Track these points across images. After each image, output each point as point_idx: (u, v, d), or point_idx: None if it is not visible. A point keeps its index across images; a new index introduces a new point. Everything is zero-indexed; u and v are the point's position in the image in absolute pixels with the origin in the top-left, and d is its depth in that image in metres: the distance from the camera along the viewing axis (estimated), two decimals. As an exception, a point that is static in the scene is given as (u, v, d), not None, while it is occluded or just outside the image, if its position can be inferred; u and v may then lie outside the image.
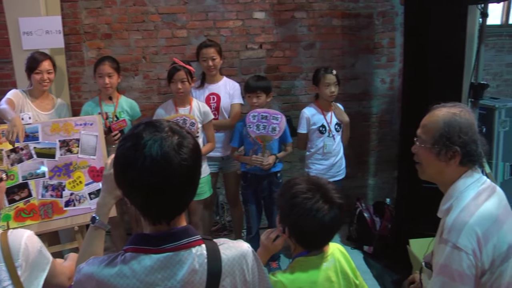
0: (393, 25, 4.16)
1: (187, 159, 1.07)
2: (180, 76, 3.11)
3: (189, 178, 1.10)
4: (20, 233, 1.50)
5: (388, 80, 4.29)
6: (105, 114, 3.21)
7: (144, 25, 3.87)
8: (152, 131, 1.07)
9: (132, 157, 1.05)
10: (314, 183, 1.56)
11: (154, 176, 1.04)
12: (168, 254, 1.10)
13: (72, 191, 2.82)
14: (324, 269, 1.58)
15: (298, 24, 4.05)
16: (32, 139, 2.78)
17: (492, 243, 1.46)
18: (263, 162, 3.19)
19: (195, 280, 1.10)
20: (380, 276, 3.36)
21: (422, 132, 1.65)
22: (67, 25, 3.75)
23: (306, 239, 1.58)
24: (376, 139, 4.40)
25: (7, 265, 1.42)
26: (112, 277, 1.09)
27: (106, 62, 3.17)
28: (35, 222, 2.70)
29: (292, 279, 1.55)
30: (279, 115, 3.21)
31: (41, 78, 3.05)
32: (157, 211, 1.11)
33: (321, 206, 1.50)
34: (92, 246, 1.40)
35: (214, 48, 3.37)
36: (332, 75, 3.31)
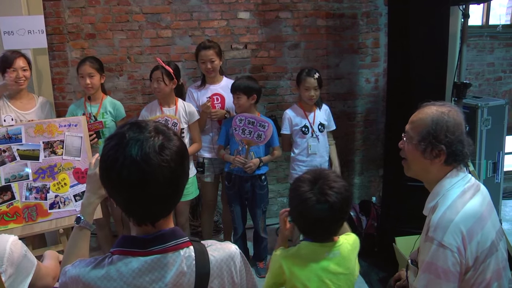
0: (377, 25, 4.21)
1: (169, 161, 1.05)
2: (156, 75, 3.11)
3: (171, 181, 1.07)
4: (5, 238, 1.47)
5: (372, 80, 4.33)
6: (89, 114, 3.17)
7: (128, 25, 3.84)
8: (135, 131, 1.07)
9: (114, 157, 1.04)
10: (317, 175, 1.61)
11: (132, 177, 1.03)
12: (156, 257, 1.09)
13: (57, 193, 2.78)
14: (326, 258, 1.63)
15: (283, 24, 4.06)
16: (15, 141, 2.73)
17: (476, 240, 1.49)
18: (245, 164, 3.18)
19: (184, 282, 1.10)
20: (367, 274, 3.38)
21: (410, 128, 1.66)
22: (50, 25, 3.69)
23: (300, 227, 1.67)
24: (361, 138, 4.44)
25: None
26: (99, 279, 1.08)
27: (87, 63, 3.13)
28: (18, 225, 2.66)
29: (287, 256, 1.66)
30: (266, 123, 3.15)
31: (16, 76, 2.97)
32: (140, 213, 1.10)
33: (309, 196, 1.56)
34: (77, 247, 1.39)
35: (213, 50, 3.30)
36: (312, 79, 3.25)
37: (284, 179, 4.35)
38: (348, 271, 1.66)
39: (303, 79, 3.29)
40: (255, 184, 3.32)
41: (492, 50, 4.72)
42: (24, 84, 3.04)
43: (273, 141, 3.32)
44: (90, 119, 3.15)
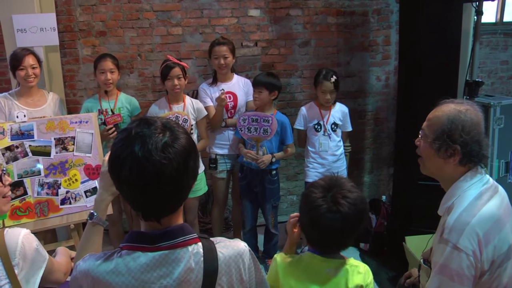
0: (388, 22, 4.18)
1: (171, 159, 1.03)
2: (176, 72, 3.11)
3: (173, 180, 1.05)
4: (17, 232, 1.50)
5: (383, 78, 4.30)
6: (105, 110, 3.20)
7: (139, 22, 3.85)
8: (142, 127, 1.06)
9: (119, 153, 1.05)
10: (332, 183, 1.53)
11: (133, 173, 1.03)
12: (164, 252, 1.09)
13: (68, 189, 2.81)
14: (324, 276, 1.54)
15: (293, 21, 4.04)
16: (27, 137, 2.77)
17: (493, 244, 1.45)
18: (257, 160, 3.19)
19: (191, 279, 1.10)
20: (376, 273, 3.36)
21: (426, 125, 1.63)
22: (61, 23, 3.72)
23: (308, 237, 1.59)
24: (371, 136, 4.41)
25: (4, 264, 1.42)
26: (108, 274, 1.09)
27: (108, 58, 3.19)
28: (30, 220, 2.69)
29: (285, 264, 1.60)
30: (269, 118, 3.18)
31: (25, 74, 2.98)
32: (146, 209, 1.10)
33: (321, 203, 1.47)
34: (90, 243, 1.40)
35: (227, 46, 3.33)
36: (329, 83, 3.28)
37: (294, 177, 4.34)
38: None
39: (320, 82, 3.33)
40: (265, 178, 3.34)
41: (506, 47, 4.66)
42: (34, 81, 3.05)
43: (287, 138, 3.34)
44: (107, 115, 3.18)
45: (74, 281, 1.16)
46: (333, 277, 1.55)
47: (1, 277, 1.41)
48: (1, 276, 1.41)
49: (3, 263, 1.42)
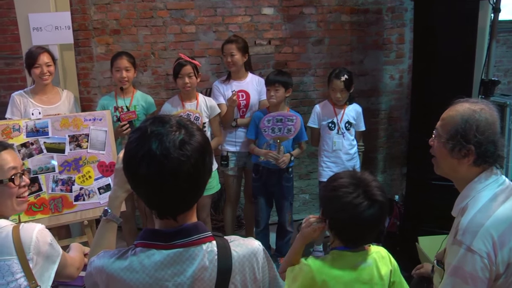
0: (403, 21, 4.14)
1: (189, 156, 1.04)
2: (187, 70, 3.12)
3: (191, 176, 1.06)
4: (31, 227, 1.52)
5: (397, 77, 4.27)
6: (120, 108, 3.22)
7: (152, 21, 3.88)
8: (157, 125, 1.07)
9: (135, 150, 1.05)
10: (357, 178, 1.53)
11: (151, 171, 1.03)
12: (178, 250, 1.10)
13: (82, 185, 2.84)
14: (359, 269, 1.55)
15: (307, 20, 4.03)
16: (42, 134, 2.80)
17: (509, 247, 1.42)
18: (279, 159, 3.19)
19: (205, 277, 1.10)
20: (388, 273, 3.34)
21: (439, 125, 1.60)
22: (76, 21, 3.75)
23: (344, 233, 1.56)
24: (384, 135, 4.38)
25: (19, 258, 1.45)
26: (122, 271, 1.09)
27: (124, 56, 3.21)
28: (45, 216, 2.73)
29: (319, 267, 1.54)
30: (294, 117, 3.20)
31: (40, 72, 3.02)
32: (161, 206, 1.11)
33: (360, 201, 1.47)
34: (104, 239, 1.41)
35: (235, 45, 3.34)
36: (339, 82, 3.26)
37: (306, 175, 4.33)
38: (381, 281, 1.59)
39: (331, 80, 3.32)
40: (282, 176, 3.35)
41: (524, 46, 4.59)
42: (49, 79, 3.09)
43: (302, 136, 3.36)
44: (122, 112, 3.21)
45: (89, 277, 1.17)
46: (367, 268, 1.57)
47: (16, 270, 1.44)
48: (17, 270, 1.44)
49: (18, 258, 1.45)
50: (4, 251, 1.45)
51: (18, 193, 1.61)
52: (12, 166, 1.58)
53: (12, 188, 1.57)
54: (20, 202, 1.63)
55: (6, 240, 1.46)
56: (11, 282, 1.43)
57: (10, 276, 1.43)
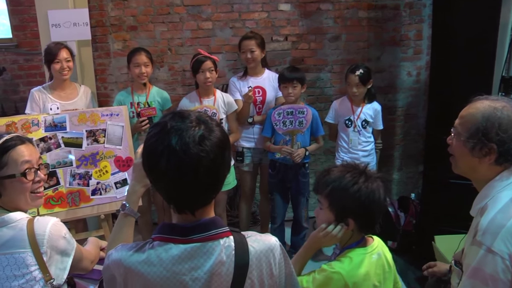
0: (421, 16, 4.08)
1: (208, 151, 1.05)
2: (207, 65, 3.13)
3: (211, 171, 1.07)
4: (46, 221, 1.53)
5: (414, 73, 4.21)
6: (137, 103, 3.25)
7: (169, 17, 3.89)
8: (177, 120, 1.07)
9: (154, 145, 1.06)
10: (354, 168, 1.55)
11: (171, 166, 1.04)
12: (196, 245, 1.10)
13: (99, 180, 2.87)
14: (373, 262, 1.55)
15: (324, 16, 4.00)
16: (60, 129, 2.84)
17: None
18: (293, 154, 3.18)
19: (222, 272, 1.10)
20: (404, 272, 3.32)
21: (458, 123, 1.55)
22: (93, 18, 3.79)
23: (370, 223, 1.56)
24: (401, 133, 4.33)
25: (33, 251, 1.47)
26: (140, 264, 1.10)
27: (143, 52, 3.24)
28: (63, 209, 2.77)
29: (348, 271, 1.51)
30: (305, 109, 3.20)
31: (60, 67, 3.07)
32: (179, 201, 1.11)
33: (377, 186, 1.50)
34: (122, 233, 1.42)
35: (255, 41, 3.35)
36: (354, 76, 3.24)
37: (322, 173, 4.31)
38: (390, 268, 1.62)
39: (347, 75, 3.32)
40: (299, 172, 3.36)
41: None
42: (68, 74, 3.14)
43: (318, 130, 3.37)
44: (139, 108, 3.24)
45: (107, 270, 1.19)
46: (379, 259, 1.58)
47: (31, 263, 1.46)
48: (31, 263, 1.46)
49: (32, 251, 1.47)
50: (18, 244, 1.46)
51: (32, 188, 1.59)
52: (26, 161, 1.56)
53: (25, 183, 1.56)
54: (34, 197, 1.62)
55: (21, 233, 1.47)
56: (26, 274, 1.45)
57: (25, 268, 1.45)
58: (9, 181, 1.52)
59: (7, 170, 1.52)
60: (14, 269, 1.45)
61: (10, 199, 1.55)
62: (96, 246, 1.91)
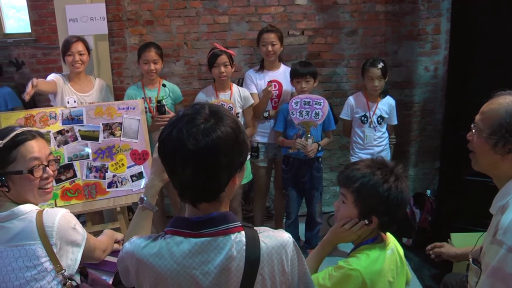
0: (439, 10, 4.01)
1: (220, 145, 1.05)
2: (223, 60, 3.13)
3: (220, 164, 1.07)
4: (54, 213, 1.55)
5: (432, 68, 4.15)
6: (148, 98, 3.27)
7: (185, 11, 3.90)
8: (189, 114, 1.09)
9: (168, 139, 1.08)
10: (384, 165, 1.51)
11: (183, 158, 1.05)
12: (206, 239, 1.11)
13: (115, 173, 2.90)
14: (388, 257, 1.54)
15: (341, 10, 3.97)
16: (77, 122, 2.88)
17: None
18: (307, 147, 3.17)
19: (233, 267, 1.10)
20: (419, 269, 3.29)
21: (480, 119, 1.52)
22: (110, 12, 3.82)
23: (392, 222, 1.53)
24: (417, 128, 4.28)
25: (43, 243, 1.48)
26: (151, 256, 1.11)
27: (152, 49, 3.21)
28: (79, 201, 2.80)
29: (366, 267, 1.49)
30: (322, 100, 3.19)
31: (72, 59, 3.09)
32: (191, 194, 1.12)
33: (405, 187, 1.49)
34: (139, 226, 1.44)
35: (275, 34, 3.35)
36: (376, 69, 3.23)
37: (337, 168, 4.29)
38: (402, 263, 1.61)
39: (367, 69, 3.28)
40: (313, 166, 3.35)
41: None
42: (80, 67, 3.15)
43: (330, 124, 3.35)
44: (151, 103, 3.25)
45: (121, 261, 1.21)
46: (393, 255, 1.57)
47: (41, 254, 1.48)
48: (42, 254, 1.48)
49: (42, 242, 1.48)
50: (29, 236, 1.48)
51: (40, 184, 1.59)
52: (35, 157, 1.56)
53: (32, 180, 1.56)
54: (42, 193, 1.62)
55: (31, 226, 1.49)
56: (37, 265, 1.47)
57: (36, 260, 1.47)
58: (17, 176, 1.54)
59: (15, 165, 1.53)
60: (26, 261, 1.47)
61: (19, 194, 1.56)
62: (110, 237, 1.93)
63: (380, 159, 1.56)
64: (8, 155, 1.53)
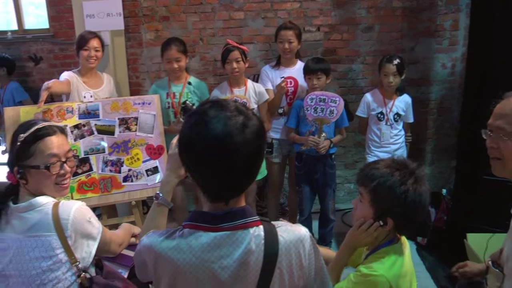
0: (458, 6, 3.94)
1: (250, 140, 1.07)
2: (234, 56, 3.13)
3: (250, 159, 1.09)
4: (70, 205, 1.57)
5: (449, 65, 4.09)
6: (172, 94, 3.25)
7: (201, 7, 3.91)
8: (218, 109, 1.08)
9: (196, 134, 1.07)
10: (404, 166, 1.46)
11: (214, 155, 1.05)
12: (225, 233, 1.11)
13: (130, 167, 2.93)
14: (406, 256, 1.52)
15: (357, 6, 3.94)
16: (93, 116, 2.91)
17: None
18: (319, 144, 3.16)
19: (251, 261, 1.10)
20: (433, 269, 3.26)
21: (505, 122, 1.41)
22: (126, 8, 3.84)
23: (408, 225, 1.50)
24: (433, 126, 4.23)
25: (58, 235, 1.51)
26: (170, 250, 1.12)
27: (173, 47, 3.12)
28: (95, 195, 2.84)
29: (390, 272, 1.44)
30: (337, 98, 3.17)
31: (88, 55, 3.09)
32: (217, 189, 1.12)
33: (425, 190, 1.43)
34: (155, 222, 1.45)
35: (293, 31, 3.33)
36: (391, 65, 3.20)
37: (352, 165, 4.27)
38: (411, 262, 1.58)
39: (383, 65, 3.26)
40: (326, 163, 3.33)
41: None
42: (94, 63, 3.17)
43: (343, 121, 3.33)
44: (174, 99, 3.24)
45: (138, 255, 1.22)
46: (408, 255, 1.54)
47: (56, 246, 1.50)
48: (57, 246, 1.50)
49: (57, 234, 1.51)
50: (45, 227, 1.51)
51: (56, 180, 1.61)
52: (53, 154, 1.58)
53: (49, 176, 1.59)
54: (59, 188, 1.64)
55: (47, 217, 1.52)
56: (52, 256, 1.50)
57: (51, 251, 1.50)
58: (34, 171, 1.56)
59: (34, 160, 1.56)
60: (42, 251, 1.50)
61: (36, 187, 1.59)
62: (127, 231, 1.95)
63: (401, 159, 1.51)
64: (27, 149, 1.56)
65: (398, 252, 1.51)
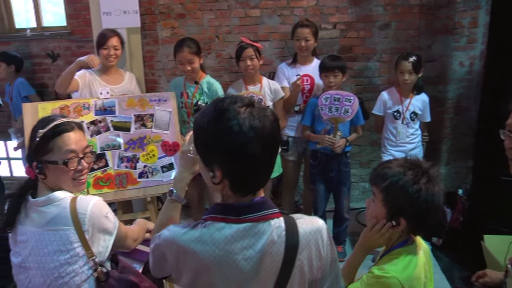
0: (477, 2, 3.86)
1: (277, 131, 1.14)
2: (248, 53, 3.13)
3: (272, 153, 1.15)
4: (87, 200, 1.59)
5: (467, 64, 4.02)
6: (186, 94, 3.22)
7: (217, 4, 3.91)
8: (233, 105, 1.10)
9: (219, 130, 1.08)
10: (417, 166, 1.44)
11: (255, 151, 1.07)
12: (248, 225, 1.13)
13: (146, 163, 2.95)
14: (421, 257, 1.51)
15: (374, 3, 3.90)
16: (109, 113, 2.93)
17: None
18: (335, 143, 3.15)
19: (273, 252, 1.12)
20: (448, 270, 3.22)
21: None
22: (143, 6, 3.86)
23: (422, 226, 1.48)
24: (450, 126, 4.17)
25: (76, 229, 1.53)
26: (193, 242, 1.13)
27: (185, 49, 3.03)
28: (111, 190, 2.86)
29: (403, 274, 1.43)
30: (352, 97, 3.15)
31: (107, 53, 3.13)
32: (252, 183, 1.15)
33: (438, 190, 1.42)
34: (168, 219, 1.45)
35: (310, 29, 3.32)
36: (407, 63, 3.17)
37: (367, 163, 4.24)
38: (428, 263, 1.56)
39: (399, 63, 3.24)
40: (341, 161, 3.32)
41: None
42: (114, 61, 3.20)
43: (358, 120, 3.31)
44: (187, 99, 3.22)
45: (157, 249, 1.22)
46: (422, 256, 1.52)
47: (74, 240, 1.53)
48: (74, 240, 1.53)
49: (75, 228, 1.53)
50: (62, 221, 1.53)
51: (74, 176, 1.63)
52: (71, 150, 1.60)
53: (66, 171, 1.60)
54: (76, 184, 1.66)
55: (65, 212, 1.54)
56: (70, 250, 1.52)
57: (69, 244, 1.52)
58: (52, 166, 1.58)
59: (52, 155, 1.58)
60: (59, 245, 1.52)
61: (54, 182, 1.61)
62: (142, 226, 1.96)
63: (414, 158, 1.49)
64: (46, 144, 1.58)
65: (412, 253, 1.50)
